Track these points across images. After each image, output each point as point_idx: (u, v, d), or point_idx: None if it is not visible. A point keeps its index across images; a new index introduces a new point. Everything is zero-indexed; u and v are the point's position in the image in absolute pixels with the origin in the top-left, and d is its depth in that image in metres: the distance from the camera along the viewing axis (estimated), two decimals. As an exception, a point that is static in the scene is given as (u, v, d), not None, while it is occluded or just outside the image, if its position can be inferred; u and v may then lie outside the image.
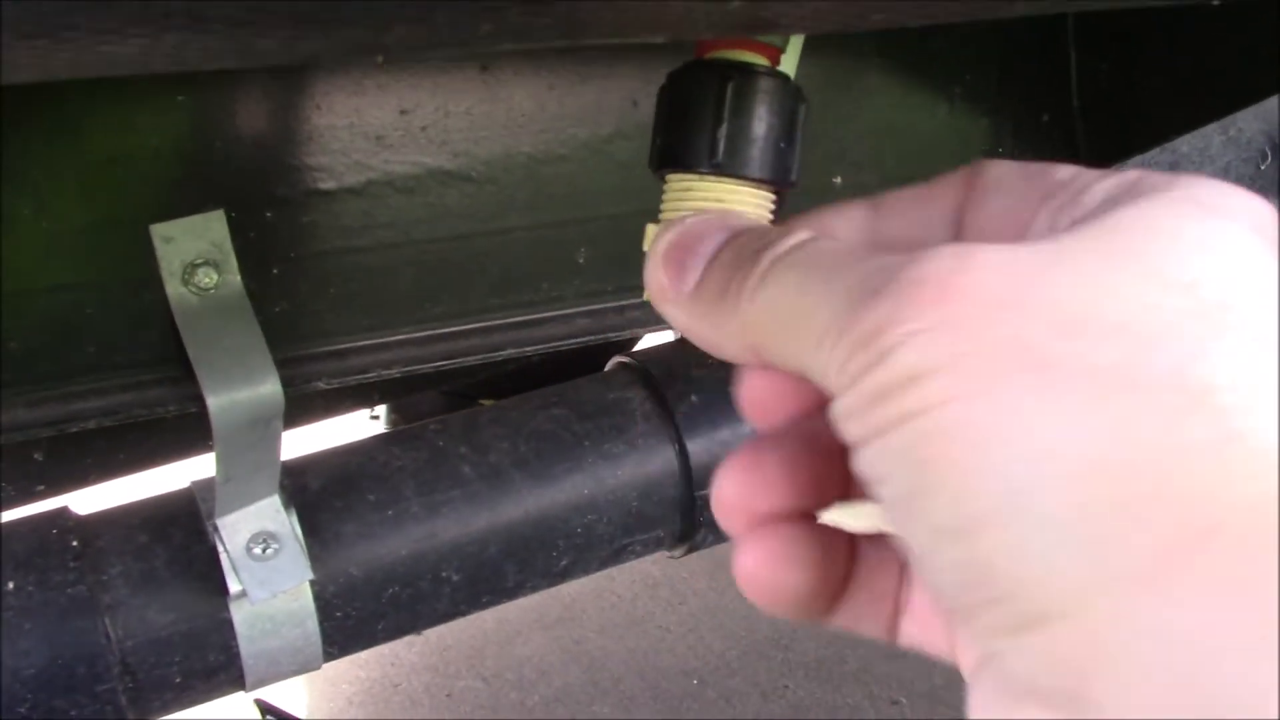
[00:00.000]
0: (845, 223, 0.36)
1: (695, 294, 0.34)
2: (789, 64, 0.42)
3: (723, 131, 0.40)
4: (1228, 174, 1.04)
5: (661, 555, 1.02)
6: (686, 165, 0.40)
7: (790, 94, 0.40)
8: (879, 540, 0.38)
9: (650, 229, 0.41)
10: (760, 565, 0.35)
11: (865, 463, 0.28)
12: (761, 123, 0.40)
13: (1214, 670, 0.23)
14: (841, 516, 0.37)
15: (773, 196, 0.41)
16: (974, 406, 0.25)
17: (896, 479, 0.27)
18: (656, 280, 0.35)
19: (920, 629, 0.37)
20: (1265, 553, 0.23)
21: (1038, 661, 0.25)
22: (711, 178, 0.40)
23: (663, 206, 0.42)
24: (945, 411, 0.25)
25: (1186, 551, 0.24)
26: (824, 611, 0.37)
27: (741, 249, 0.33)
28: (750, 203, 0.41)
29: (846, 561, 0.37)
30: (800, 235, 0.32)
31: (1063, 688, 0.24)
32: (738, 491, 0.36)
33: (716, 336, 0.33)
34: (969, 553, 0.25)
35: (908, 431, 0.26)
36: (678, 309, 0.34)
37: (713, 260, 0.34)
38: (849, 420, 0.28)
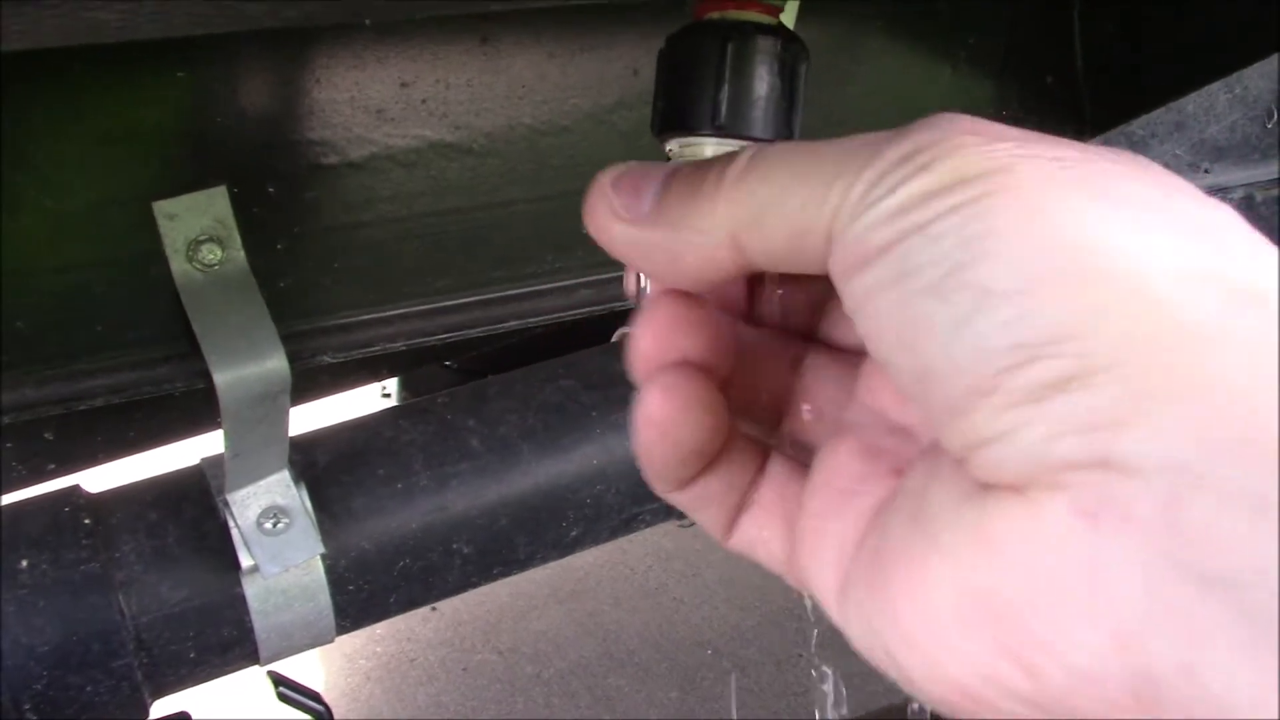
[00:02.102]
0: None
1: (657, 206, 0.34)
2: (787, 21, 0.42)
3: (724, 93, 0.39)
4: (1234, 132, 1.03)
5: (674, 529, 1.02)
6: (689, 128, 0.40)
7: (791, 52, 0.40)
8: (749, 435, 0.39)
9: None
10: (666, 406, 0.36)
11: (892, 263, 0.28)
12: (763, 82, 0.39)
13: (1248, 412, 0.23)
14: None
15: None
16: (1034, 190, 0.26)
17: (938, 261, 0.27)
18: (605, 203, 0.35)
19: (760, 529, 0.38)
20: None
21: (1069, 421, 0.25)
22: (713, 141, 0.40)
23: None
24: (1001, 197, 0.26)
25: (1238, 311, 0.25)
26: (687, 480, 0.38)
27: (701, 165, 0.33)
28: None
29: (725, 433, 0.38)
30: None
31: (1089, 449, 0.24)
32: (658, 341, 0.36)
33: (678, 243, 0.33)
34: (1021, 308, 0.25)
35: (959, 215, 0.27)
36: (632, 225, 0.34)
37: (669, 180, 0.34)
38: (877, 228, 0.28)
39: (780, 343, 0.40)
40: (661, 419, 0.36)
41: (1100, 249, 0.25)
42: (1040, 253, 0.26)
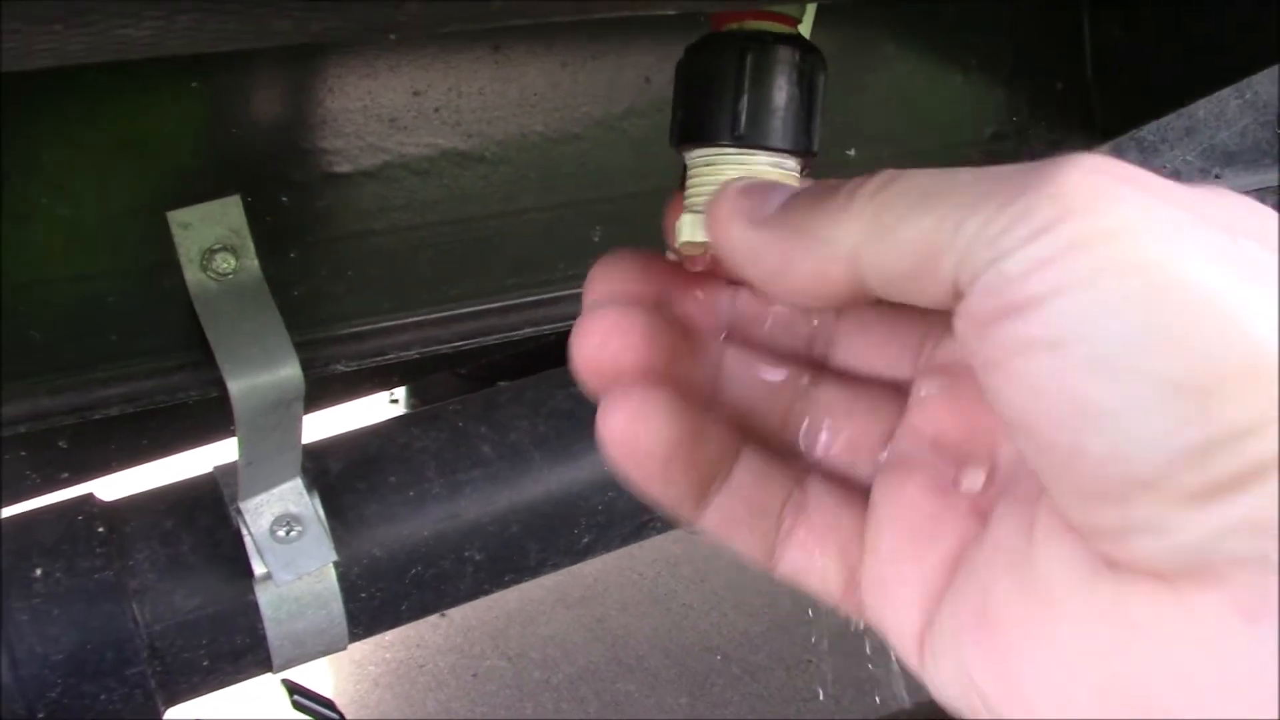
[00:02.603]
0: None
1: (783, 211, 0.33)
2: (803, 31, 0.42)
3: (744, 104, 0.39)
4: (1244, 138, 1.03)
5: (682, 534, 1.02)
6: (708, 139, 0.40)
7: (809, 62, 0.40)
8: (767, 455, 0.38)
9: (685, 218, 0.40)
10: (628, 419, 0.35)
11: (1050, 323, 0.26)
12: (782, 93, 0.39)
13: None
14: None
15: (797, 167, 0.41)
16: (1205, 273, 0.25)
17: (1106, 338, 0.25)
18: (730, 204, 0.34)
19: (804, 558, 0.37)
20: None
21: (1241, 519, 0.24)
22: (733, 150, 0.40)
23: (687, 187, 0.41)
24: (1172, 271, 0.25)
25: None
26: (693, 497, 0.37)
27: (832, 182, 0.32)
28: (774, 174, 0.40)
29: (718, 447, 0.37)
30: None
31: (1256, 549, 0.24)
32: (601, 344, 0.36)
33: (797, 249, 0.32)
34: (1205, 406, 0.24)
35: (1126, 286, 0.25)
36: (752, 227, 0.33)
37: (798, 193, 0.33)
38: (1026, 277, 0.26)
39: (776, 367, 0.40)
40: (620, 431, 0.35)
41: (1271, 340, 0.24)
42: (1219, 346, 0.24)
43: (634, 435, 0.36)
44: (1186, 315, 0.24)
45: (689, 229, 0.39)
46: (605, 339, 0.37)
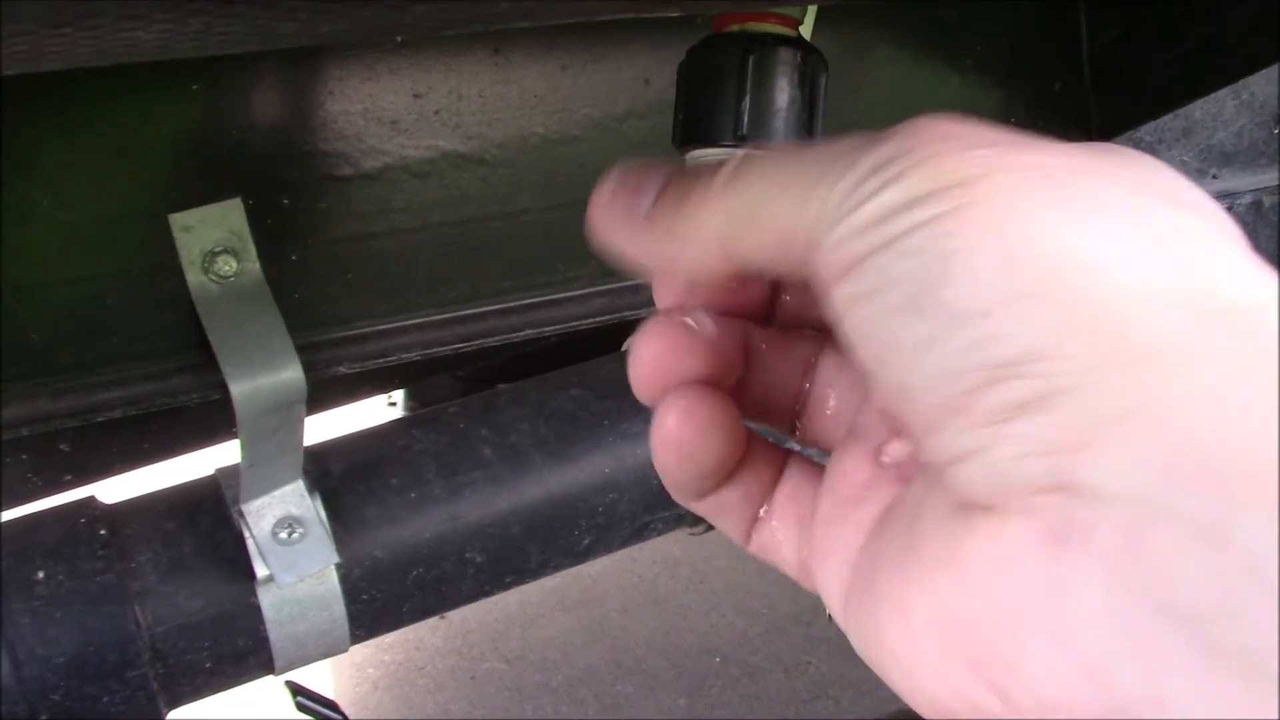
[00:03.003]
0: None
1: (655, 209, 0.34)
2: (803, 32, 0.42)
3: (746, 104, 0.40)
4: (1241, 138, 1.03)
5: (682, 535, 1.02)
6: (711, 139, 0.41)
7: (811, 63, 0.40)
8: (761, 443, 0.39)
9: None
10: (683, 428, 0.36)
11: (866, 276, 0.28)
12: (784, 93, 0.40)
13: (1207, 438, 0.23)
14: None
15: None
16: (1004, 202, 0.26)
17: (908, 278, 0.27)
18: (604, 209, 0.36)
19: (768, 533, 0.38)
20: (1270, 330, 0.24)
21: (1032, 442, 0.25)
22: (734, 150, 0.40)
23: None
24: (971, 211, 0.26)
25: (1205, 329, 0.24)
26: (707, 492, 0.38)
27: (692, 173, 0.34)
28: None
29: (743, 447, 0.38)
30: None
31: (1053, 472, 0.24)
32: (659, 355, 0.37)
33: (670, 249, 0.34)
34: (987, 330, 0.25)
35: (929, 231, 0.26)
36: (630, 232, 0.35)
37: (663, 187, 0.35)
38: (852, 240, 0.28)
39: (795, 341, 0.40)
40: (679, 441, 0.36)
41: (1067, 265, 0.25)
42: (1005, 271, 0.25)
43: (693, 447, 0.36)
44: (976, 246, 0.26)
45: None
46: (662, 353, 0.37)
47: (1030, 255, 0.25)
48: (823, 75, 0.41)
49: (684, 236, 0.33)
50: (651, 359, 0.37)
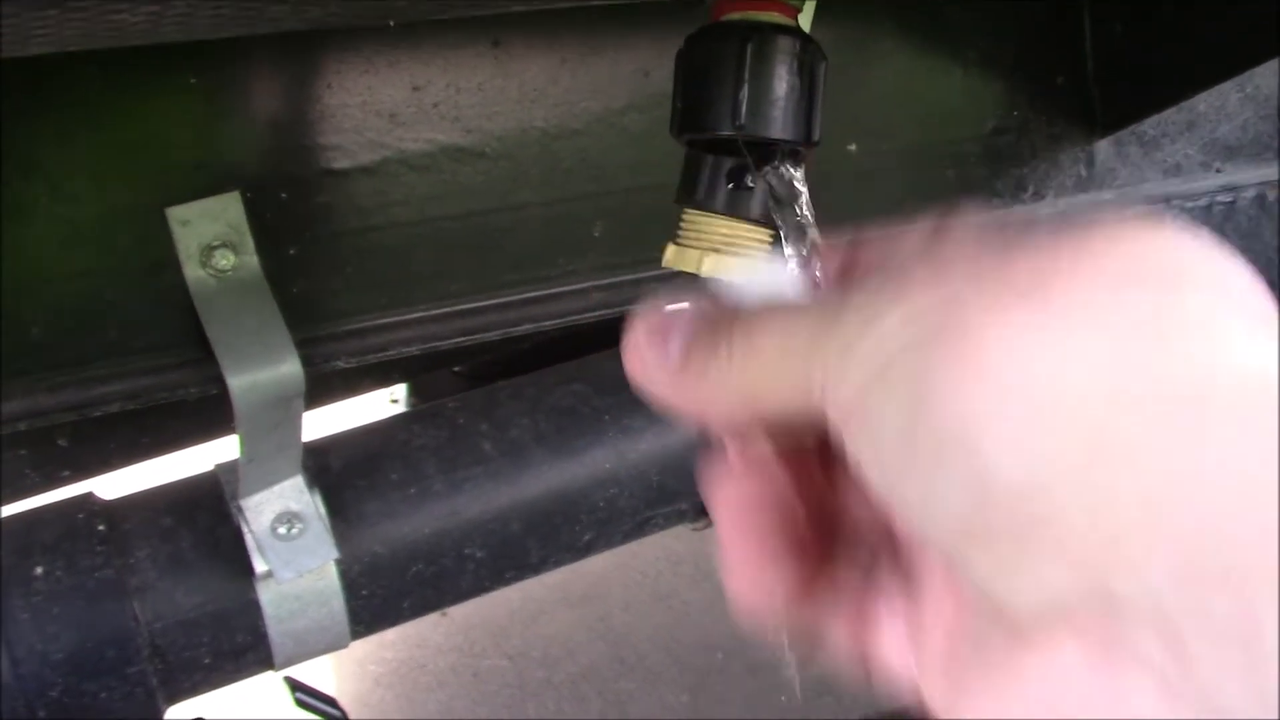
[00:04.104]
0: (828, 253, 0.39)
1: (684, 361, 0.35)
2: (803, 24, 0.42)
3: (744, 94, 0.40)
4: (1245, 131, 1.03)
5: (685, 531, 1.02)
6: (709, 128, 0.41)
7: (809, 52, 0.40)
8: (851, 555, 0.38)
9: (670, 249, 0.43)
10: (748, 561, 0.36)
11: (866, 415, 0.28)
12: (782, 83, 0.39)
13: (1219, 534, 0.23)
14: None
15: (770, 233, 0.43)
16: (973, 338, 0.26)
17: (896, 405, 0.27)
18: (639, 358, 0.36)
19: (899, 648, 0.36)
20: (1261, 412, 0.24)
21: (1056, 559, 0.25)
22: (721, 219, 0.42)
23: (679, 233, 0.44)
24: (946, 344, 0.26)
25: (1167, 426, 0.24)
26: (805, 617, 0.38)
27: (716, 329, 0.34)
28: (751, 240, 0.42)
29: (819, 552, 0.37)
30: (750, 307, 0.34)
31: (1081, 585, 0.25)
32: (748, 571, 0.36)
33: (707, 398, 0.34)
34: (980, 461, 0.25)
35: (909, 367, 0.27)
36: (671, 386, 0.35)
37: (689, 342, 0.35)
38: (847, 385, 0.29)
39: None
40: (750, 579, 0.36)
41: (1040, 387, 0.25)
42: (982, 402, 0.25)
43: (764, 576, 0.36)
44: (952, 377, 0.26)
45: (671, 256, 0.44)
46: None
47: (1009, 385, 0.25)
48: (821, 65, 0.41)
49: (716, 386, 0.34)
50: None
